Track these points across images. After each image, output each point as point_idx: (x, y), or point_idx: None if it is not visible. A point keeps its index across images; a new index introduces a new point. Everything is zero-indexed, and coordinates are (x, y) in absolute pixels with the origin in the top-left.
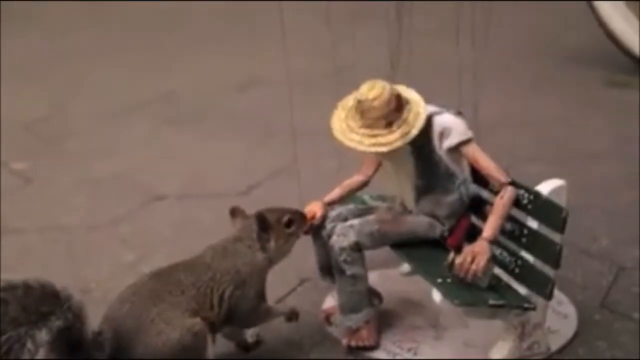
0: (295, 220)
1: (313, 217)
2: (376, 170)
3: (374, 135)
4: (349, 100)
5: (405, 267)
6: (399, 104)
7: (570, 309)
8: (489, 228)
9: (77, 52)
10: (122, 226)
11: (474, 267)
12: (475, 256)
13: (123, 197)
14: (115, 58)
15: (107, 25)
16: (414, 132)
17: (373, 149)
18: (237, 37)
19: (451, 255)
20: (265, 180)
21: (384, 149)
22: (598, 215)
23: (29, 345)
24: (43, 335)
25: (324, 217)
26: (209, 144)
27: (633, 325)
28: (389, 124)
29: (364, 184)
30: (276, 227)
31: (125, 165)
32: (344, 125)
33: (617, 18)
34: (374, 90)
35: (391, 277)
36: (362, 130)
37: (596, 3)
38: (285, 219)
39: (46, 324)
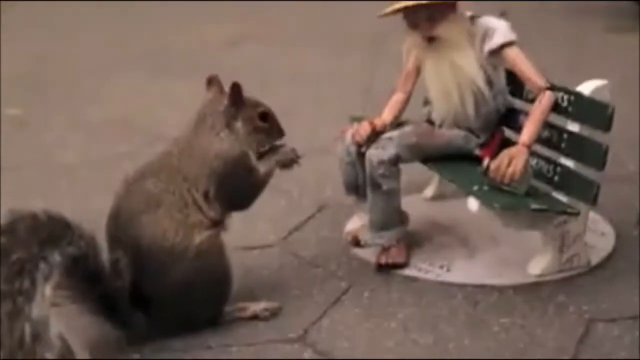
0: (271, 121)
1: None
2: (414, 84)
3: None
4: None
5: (428, 192)
6: None
7: (606, 227)
8: (527, 133)
9: (62, 10)
10: (126, 163)
11: (510, 169)
12: (512, 159)
13: (123, 137)
14: (100, 17)
15: None
16: None
17: None
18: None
19: (486, 160)
20: None
21: None
22: (621, 145)
23: (43, 266)
24: (56, 257)
25: (371, 138)
26: (205, 90)
27: None
28: None
29: (406, 101)
30: (249, 110)
31: (121, 110)
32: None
33: None
34: None
35: (415, 203)
36: None
37: None
38: (261, 109)
39: (58, 247)
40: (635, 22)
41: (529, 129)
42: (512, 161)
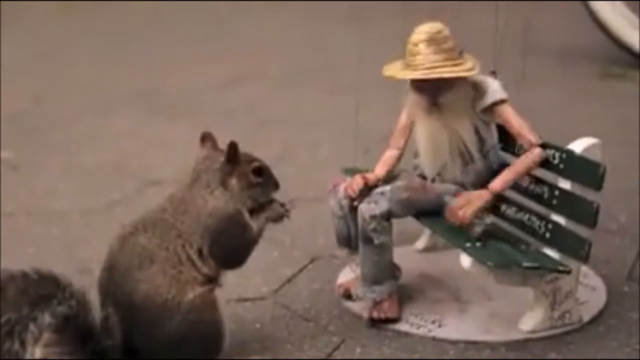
0: (266, 176)
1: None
2: (407, 139)
3: (456, 64)
4: (395, 64)
5: (420, 243)
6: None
7: (597, 282)
8: (500, 180)
9: (58, 49)
10: (118, 210)
11: (460, 213)
12: (467, 203)
13: (116, 183)
14: (97, 56)
15: (87, 24)
16: (477, 63)
17: (471, 72)
18: (218, 39)
19: (450, 199)
20: None
21: (474, 72)
22: (612, 195)
23: (32, 327)
24: (46, 318)
25: (364, 192)
26: (198, 134)
27: None
28: (460, 53)
29: (399, 157)
30: (243, 166)
31: (114, 154)
32: (424, 62)
33: (610, 11)
34: (434, 23)
35: (407, 254)
36: (447, 62)
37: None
38: (256, 165)
39: (48, 307)
40: (626, 70)
41: (504, 177)
42: (466, 205)
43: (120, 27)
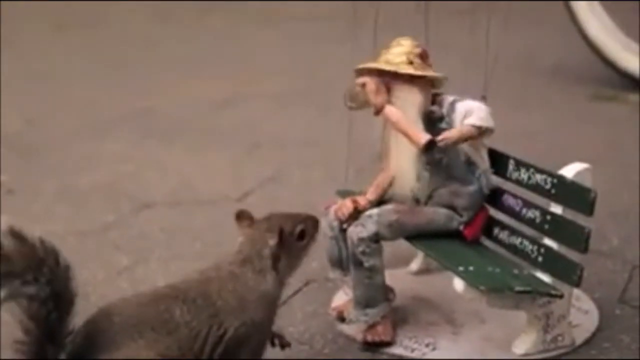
0: (308, 230)
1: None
2: None
3: (395, 64)
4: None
5: (414, 265)
6: (424, 54)
7: (590, 305)
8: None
9: (52, 70)
10: (113, 232)
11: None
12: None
13: (110, 205)
14: (91, 77)
15: (81, 46)
16: (431, 73)
17: (382, 66)
18: (211, 59)
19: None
20: (257, 188)
21: (390, 67)
22: (603, 217)
23: None
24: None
25: (354, 216)
26: (193, 155)
27: None
28: (409, 62)
29: (393, 180)
30: (288, 240)
31: (109, 176)
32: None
33: (600, 30)
34: (404, 38)
35: (400, 276)
36: (383, 62)
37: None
38: (298, 230)
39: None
40: (618, 91)
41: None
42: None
43: (114, 48)
